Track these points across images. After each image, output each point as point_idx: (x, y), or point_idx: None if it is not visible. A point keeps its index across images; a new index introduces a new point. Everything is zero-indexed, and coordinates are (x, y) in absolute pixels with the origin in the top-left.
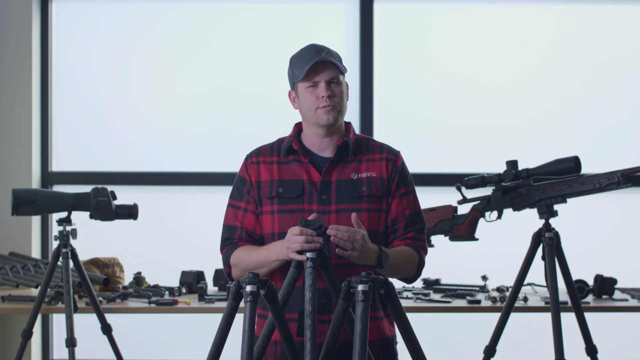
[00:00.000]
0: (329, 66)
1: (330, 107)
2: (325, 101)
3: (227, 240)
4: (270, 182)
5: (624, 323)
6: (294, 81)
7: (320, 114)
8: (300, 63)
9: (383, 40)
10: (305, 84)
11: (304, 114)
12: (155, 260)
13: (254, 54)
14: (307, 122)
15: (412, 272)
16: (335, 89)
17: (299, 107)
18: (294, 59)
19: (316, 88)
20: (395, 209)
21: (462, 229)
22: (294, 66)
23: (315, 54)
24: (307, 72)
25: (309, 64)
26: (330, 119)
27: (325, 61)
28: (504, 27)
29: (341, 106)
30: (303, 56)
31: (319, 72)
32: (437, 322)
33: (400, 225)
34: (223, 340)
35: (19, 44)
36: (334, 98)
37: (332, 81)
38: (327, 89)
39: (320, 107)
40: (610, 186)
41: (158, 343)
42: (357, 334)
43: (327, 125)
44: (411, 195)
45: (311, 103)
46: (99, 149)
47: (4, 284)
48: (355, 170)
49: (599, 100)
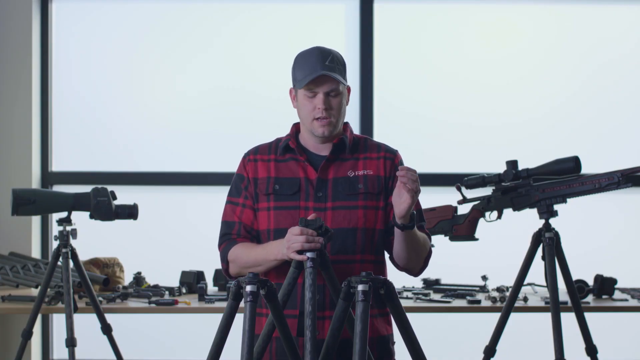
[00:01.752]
0: (329, 78)
1: (327, 122)
2: (322, 113)
3: (225, 236)
4: (267, 179)
5: (624, 323)
6: (294, 84)
7: (316, 126)
8: (302, 68)
9: (383, 40)
10: (304, 92)
11: (301, 119)
12: (155, 260)
13: (254, 54)
14: (304, 126)
15: (421, 260)
16: (333, 101)
17: (297, 110)
18: (298, 60)
19: (314, 98)
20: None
21: (462, 229)
22: (296, 68)
23: (318, 63)
24: (307, 82)
25: (311, 73)
26: (326, 133)
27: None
28: (504, 27)
29: (337, 119)
30: (307, 60)
31: (319, 84)
32: (437, 322)
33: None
34: (223, 340)
35: (19, 44)
36: (331, 111)
37: (330, 93)
38: (324, 101)
39: (315, 118)
40: (610, 186)
41: (158, 343)
42: (357, 334)
43: (321, 138)
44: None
45: (308, 112)
46: (99, 149)
47: (4, 284)
48: (352, 168)
49: (599, 101)
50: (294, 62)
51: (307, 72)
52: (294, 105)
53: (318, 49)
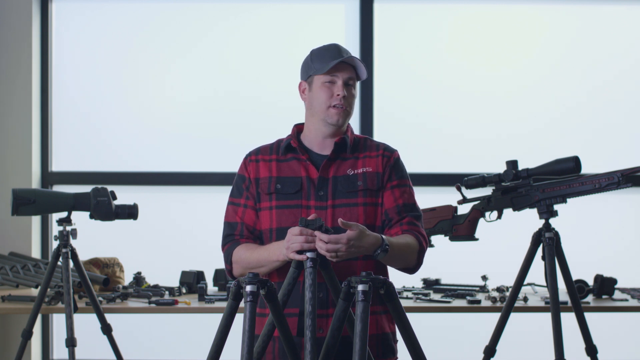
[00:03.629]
0: (349, 68)
1: (342, 109)
2: (340, 100)
3: (228, 237)
4: (268, 178)
5: (624, 323)
6: (310, 73)
7: (332, 113)
8: (322, 58)
9: (383, 40)
10: (323, 78)
11: (314, 107)
12: (155, 260)
13: (254, 54)
14: (314, 117)
15: (413, 261)
16: (350, 91)
17: (310, 100)
18: (316, 52)
19: (333, 85)
20: (387, 200)
21: (462, 229)
22: (315, 59)
23: (338, 54)
24: (330, 67)
25: (334, 60)
26: (340, 120)
27: (350, 63)
28: (505, 28)
29: (351, 109)
30: (326, 52)
31: (340, 71)
32: (437, 322)
33: (394, 213)
34: (223, 340)
35: (19, 44)
36: (348, 99)
37: (348, 82)
38: (344, 88)
39: (332, 105)
40: (610, 186)
41: (158, 343)
42: (357, 333)
43: (335, 125)
44: (405, 188)
45: (325, 98)
46: (99, 149)
47: (4, 284)
48: (351, 167)
49: (599, 101)
50: (310, 55)
51: (329, 59)
52: (302, 98)
53: (336, 44)
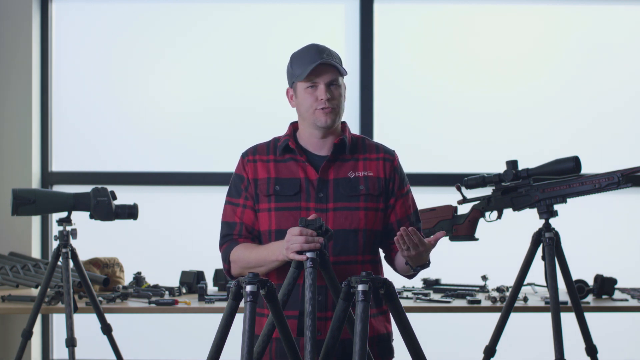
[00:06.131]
0: (329, 68)
1: (329, 110)
2: (324, 104)
3: (226, 237)
4: (267, 179)
5: (624, 323)
6: (293, 80)
7: (319, 115)
8: (301, 62)
9: (383, 40)
10: (305, 84)
11: (302, 114)
12: (155, 260)
13: (254, 54)
14: (305, 121)
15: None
16: (335, 91)
17: (297, 106)
18: (295, 57)
19: (315, 89)
20: (400, 210)
21: (462, 229)
22: (294, 65)
23: (316, 55)
24: (308, 73)
25: (311, 64)
26: (329, 121)
27: (327, 64)
28: (505, 27)
29: (339, 109)
30: (304, 56)
31: (320, 74)
32: (437, 322)
33: (407, 224)
34: (223, 340)
35: (19, 44)
36: (333, 101)
37: (331, 83)
38: (326, 91)
39: (318, 108)
40: (610, 186)
41: (158, 343)
42: (357, 333)
43: (325, 127)
44: (410, 195)
45: (310, 104)
46: (98, 149)
47: (4, 284)
48: (352, 169)
49: (599, 101)
50: (290, 61)
51: (306, 64)
52: (292, 105)
53: (314, 45)
